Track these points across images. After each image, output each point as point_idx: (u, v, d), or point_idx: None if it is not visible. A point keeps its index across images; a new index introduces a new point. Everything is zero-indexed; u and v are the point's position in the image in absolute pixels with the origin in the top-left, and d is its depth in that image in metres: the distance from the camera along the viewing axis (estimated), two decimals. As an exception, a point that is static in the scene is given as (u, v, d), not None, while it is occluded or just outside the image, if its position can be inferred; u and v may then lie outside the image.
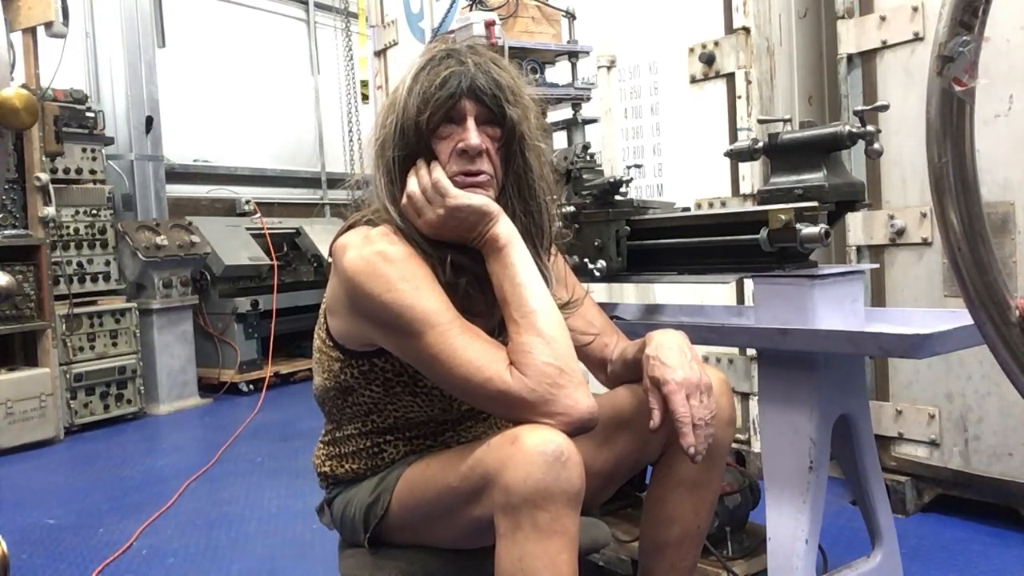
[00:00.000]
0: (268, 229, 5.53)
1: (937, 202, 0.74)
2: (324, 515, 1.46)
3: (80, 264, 4.29)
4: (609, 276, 1.89)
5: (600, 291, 2.48)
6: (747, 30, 2.66)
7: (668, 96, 2.96)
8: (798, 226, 1.46)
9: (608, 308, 2.00)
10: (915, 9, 2.25)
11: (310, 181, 6.94)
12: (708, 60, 2.76)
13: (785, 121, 1.66)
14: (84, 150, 4.37)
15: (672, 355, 1.26)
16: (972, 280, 0.73)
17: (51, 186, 3.98)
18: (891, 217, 2.35)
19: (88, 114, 4.40)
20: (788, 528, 1.53)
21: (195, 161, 5.94)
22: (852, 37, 2.40)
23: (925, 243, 2.30)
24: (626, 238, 1.85)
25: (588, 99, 2.29)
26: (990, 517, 2.28)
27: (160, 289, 4.59)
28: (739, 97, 2.68)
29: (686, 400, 1.21)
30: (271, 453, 3.59)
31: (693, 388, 1.23)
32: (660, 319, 1.97)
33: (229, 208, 6.04)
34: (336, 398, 1.37)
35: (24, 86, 2.47)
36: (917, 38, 2.26)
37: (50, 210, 3.96)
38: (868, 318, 1.63)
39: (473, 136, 1.25)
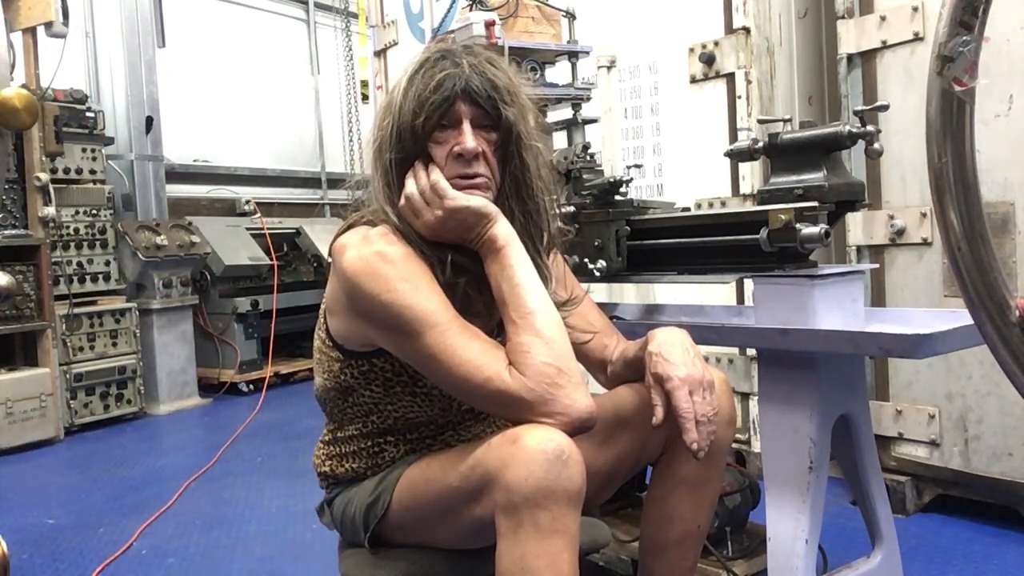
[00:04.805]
0: (268, 229, 5.53)
1: (937, 202, 0.74)
2: (324, 515, 1.46)
3: (80, 264, 4.29)
4: (609, 276, 1.89)
5: (600, 291, 2.48)
6: (747, 30, 2.66)
7: (668, 96, 2.96)
8: (798, 226, 1.46)
9: (608, 308, 2.00)
10: (915, 9, 2.25)
11: (310, 181, 6.94)
12: (708, 60, 2.76)
13: (785, 121, 1.66)
14: (84, 150, 4.37)
15: (675, 352, 1.26)
16: (972, 280, 0.73)
17: (51, 186, 3.98)
18: (891, 217, 2.35)
19: (88, 114, 4.40)
20: (788, 528, 1.53)
21: (195, 161, 5.95)
22: (852, 37, 2.40)
23: (925, 243, 2.30)
24: (626, 238, 1.85)
25: (588, 99, 2.29)
26: (990, 517, 2.28)
27: (160, 289, 4.59)
28: (739, 97, 2.68)
29: (689, 396, 1.22)
30: (271, 453, 3.59)
31: (696, 385, 1.23)
32: (660, 319, 1.97)
33: (229, 208, 6.04)
34: (336, 398, 1.37)
35: (24, 86, 2.47)
36: (917, 38, 2.26)
37: (50, 210, 3.96)
38: (868, 318, 1.63)
39: (469, 140, 1.24)
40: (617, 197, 1.90)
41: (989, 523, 2.27)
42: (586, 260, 1.90)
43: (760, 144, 1.66)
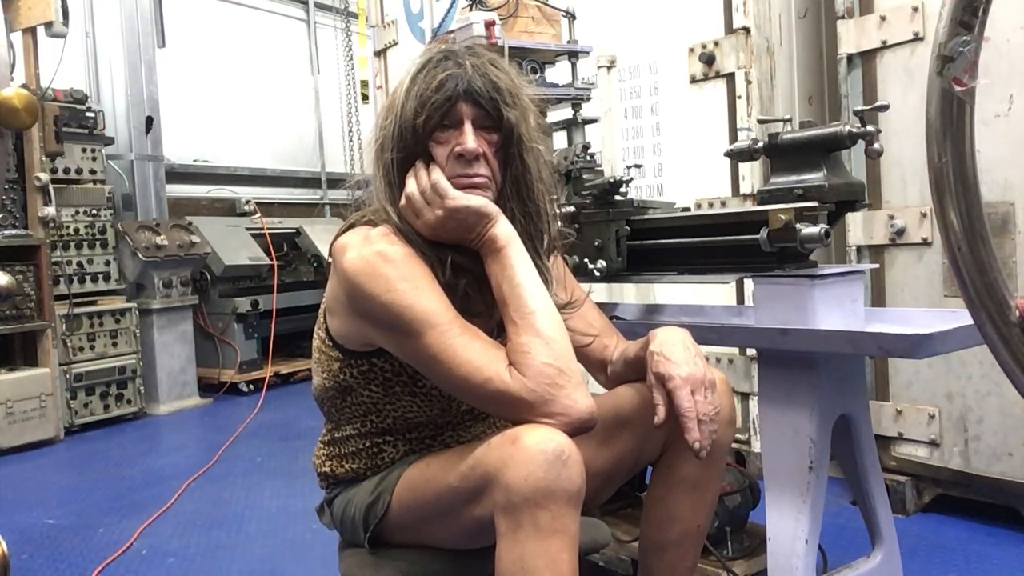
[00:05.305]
0: (268, 229, 5.53)
1: (937, 202, 0.74)
2: (324, 515, 1.46)
3: (80, 264, 4.29)
4: (609, 276, 1.89)
5: (600, 291, 2.48)
6: (747, 30, 2.66)
7: (668, 96, 2.96)
8: (798, 226, 1.46)
9: (608, 308, 2.00)
10: (915, 9, 2.25)
11: (310, 181, 6.94)
12: (708, 60, 2.76)
13: (785, 121, 1.66)
14: (84, 150, 4.37)
15: (676, 351, 1.27)
16: (972, 280, 0.73)
17: (51, 186, 3.98)
18: (891, 217, 2.35)
19: (88, 114, 4.40)
20: (788, 528, 1.53)
21: (195, 161, 5.95)
22: (852, 37, 2.40)
23: (925, 243, 2.30)
24: (626, 238, 1.85)
25: (588, 99, 2.29)
26: (990, 517, 2.28)
27: (160, 289, 4.59)
28: (739, 97, 2.68)
29: (691, 396, 1.22)
30: (271, 453, 3.59)
31: (698, 384, 1.23)
32: (660, 319, 1.97)
33: (229, 208, 6.04)
34: (335, 398, 1.37)
35: (24, 86, 2.46)
36: (917, 38, 2.26)
37: (50, 210, 3.96)
38: (868, 318, 1.63)
39: (470, 140, 1.24)
40: (617, 197, 1.90)
41: (989, 523, 2.27)
42: (586, 260, 1.90)
43: (760, 144, 1.66)
